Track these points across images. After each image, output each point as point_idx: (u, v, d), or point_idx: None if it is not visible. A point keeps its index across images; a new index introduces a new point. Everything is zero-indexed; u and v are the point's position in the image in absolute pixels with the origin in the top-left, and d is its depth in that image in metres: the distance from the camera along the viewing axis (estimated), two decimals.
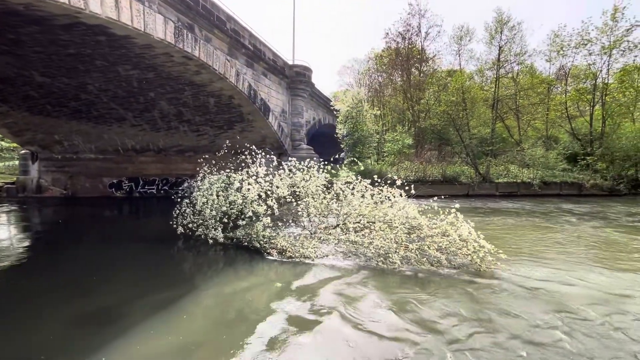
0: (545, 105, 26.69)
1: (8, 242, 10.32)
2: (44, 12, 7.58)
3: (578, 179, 22.07)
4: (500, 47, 25.35)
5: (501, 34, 25.07)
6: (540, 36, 62.15)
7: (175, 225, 9.59)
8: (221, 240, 8.90)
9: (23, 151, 19.87)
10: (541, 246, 9.04)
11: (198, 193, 9.43)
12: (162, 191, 20.06)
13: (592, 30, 23.10)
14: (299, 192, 9.63)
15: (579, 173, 22.89)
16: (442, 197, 8.92)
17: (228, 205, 9.16)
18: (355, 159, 12.25)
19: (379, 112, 29.14)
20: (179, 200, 10.08)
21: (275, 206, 8.94)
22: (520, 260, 7.57)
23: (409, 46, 29.27)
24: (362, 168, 13.04)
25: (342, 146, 26.26)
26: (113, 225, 14.12)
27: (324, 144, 29.73)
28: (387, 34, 29.58)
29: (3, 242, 10.19)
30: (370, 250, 7.75)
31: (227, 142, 12.12)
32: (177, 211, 9.83)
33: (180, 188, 10.51)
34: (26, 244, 10.21)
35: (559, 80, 29.38)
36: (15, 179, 20.21)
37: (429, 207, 8.19)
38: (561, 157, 25.00)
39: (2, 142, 28.37)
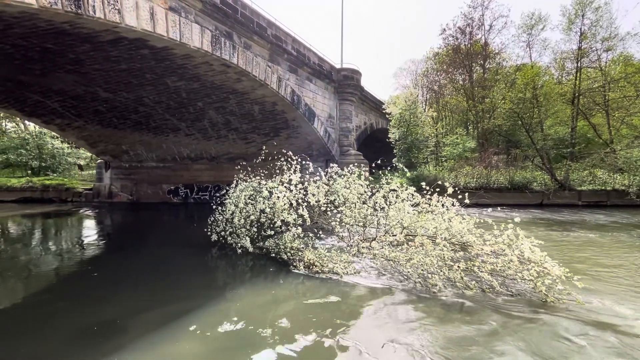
0: None
1: (75, 242, 11.30)
2: (87, 29, 8.05)
3: None
4: (581, 33, 21.85)
5: (582, 17, 21.59)
6: (637, 16, 52.84)
7: (209, 233, 9.55)
8: (251, 249, 8.55)
9: (99, 161, 22.30)
10: (638, 275, 7.06)
11: (228, 201, 9.25)
12: (214, 197, 20.82)
13: None
14: (337, 200, 8.91)
15: None
16: (500, 206, 7.46)
17: (258, 213, 8.81)
18: (400, 164, 11.09)
19: (435, 114, 27.12)
20: (214, 207, 10.04)
21: (307, 215, 8.33)
22: (606, 293, 5.89)
23: (470, 41, 26.77)
24: (408, 174, 11.80)
25: (394, 151, 24.89)
26: (165, 230, 14.84)
27: (378, 149, 28.54)
28: (444, 30, 27.42)
29: (74, 242, 11.17)
30: (407, 268, 6.72)
31: (265, 148, 11.93)
32: (212, 218, 9.78)
33: (217, 195, 10.45)
34: (90, 244, 11.03)
35: None
36: (93, 185, 22.75)
37: (483, 220, 6.86)
38: None
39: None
